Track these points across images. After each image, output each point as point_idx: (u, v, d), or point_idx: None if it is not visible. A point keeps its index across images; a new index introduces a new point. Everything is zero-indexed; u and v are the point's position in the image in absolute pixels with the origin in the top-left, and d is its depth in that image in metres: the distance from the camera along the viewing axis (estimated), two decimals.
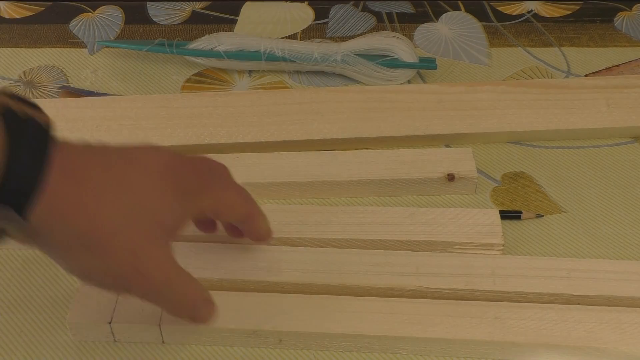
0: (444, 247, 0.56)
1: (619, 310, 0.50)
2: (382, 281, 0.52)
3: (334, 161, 0.61)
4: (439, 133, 0.64)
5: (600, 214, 0.60)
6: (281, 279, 0.52)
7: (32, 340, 0.53)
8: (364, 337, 0.50)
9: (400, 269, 0.53)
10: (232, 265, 0.53)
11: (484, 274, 0.52)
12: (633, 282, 0.52)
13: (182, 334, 0.51)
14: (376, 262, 0.53)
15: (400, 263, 0.53)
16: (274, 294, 0.52)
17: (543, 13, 0.78)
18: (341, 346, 0.51)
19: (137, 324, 0.50)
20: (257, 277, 0.52)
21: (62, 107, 0.65)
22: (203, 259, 0.53)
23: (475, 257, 0.54)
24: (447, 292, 0.52)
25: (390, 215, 0.57)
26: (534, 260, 0.54)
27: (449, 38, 0.76)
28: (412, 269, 0.52)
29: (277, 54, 0.70)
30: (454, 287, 0.52)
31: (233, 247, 0.54)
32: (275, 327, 0.50)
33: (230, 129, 0.64)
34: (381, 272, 0.52)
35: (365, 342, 0.50)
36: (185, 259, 0.46)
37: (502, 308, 0.51)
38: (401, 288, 0.52)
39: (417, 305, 0.51)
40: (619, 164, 0.64)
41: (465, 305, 0.51)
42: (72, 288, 0.56)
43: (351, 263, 0.53)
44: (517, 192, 0.62)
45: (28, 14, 0.79)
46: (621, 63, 0.72)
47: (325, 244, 0.56)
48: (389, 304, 0.51)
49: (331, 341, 0.50)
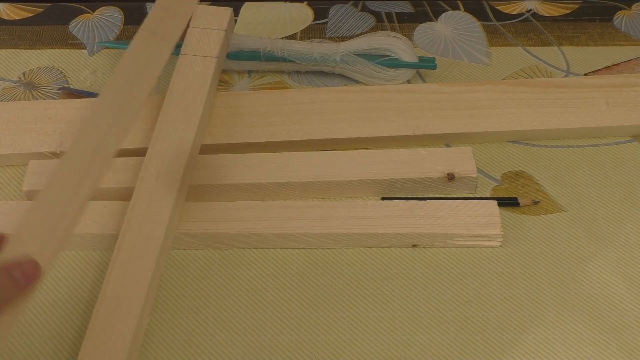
0: (444, 238, 0.57)
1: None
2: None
3: (334, 161, 0.61)
4: (439, 133, 0.64)
5: (599, 212, 0.60)
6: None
7: (32, 340, 0.53)
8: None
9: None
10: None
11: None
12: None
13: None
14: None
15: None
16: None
17: (542, 12, 0.78)
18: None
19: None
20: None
21: (62, 108, 0.65)
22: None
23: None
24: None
25: (390, 209, 0.58)
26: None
27: (449, 38, 0.76)
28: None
29: (276, 54, 0.70)
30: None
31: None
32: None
33: (230, 129, 0.64)
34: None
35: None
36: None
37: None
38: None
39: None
40: (619, 162, 0.64)
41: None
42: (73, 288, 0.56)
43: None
44: (517, 191, 0.62)
45: (27, 15, 0.79)
46: (620, 62, 0.72)
47: (327, 238, 0.57)
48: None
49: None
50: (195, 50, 0.65)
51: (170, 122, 0.60)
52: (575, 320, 0.54)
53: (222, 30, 0.65)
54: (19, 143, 0.63)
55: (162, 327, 0.54)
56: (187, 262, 0.58)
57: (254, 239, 0.58)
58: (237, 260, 0.58)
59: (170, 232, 0.56)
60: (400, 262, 0.58)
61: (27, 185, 0.60)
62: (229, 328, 0.54)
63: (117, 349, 0.49)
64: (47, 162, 0.61)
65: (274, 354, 0.53)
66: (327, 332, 0.54)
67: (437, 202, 0.58)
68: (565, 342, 0.53)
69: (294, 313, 0.55)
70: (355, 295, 0.56)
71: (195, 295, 0.56)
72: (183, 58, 0.64)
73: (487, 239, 0.57)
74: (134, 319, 0.50)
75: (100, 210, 0.58)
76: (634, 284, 0.56)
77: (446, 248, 0.58)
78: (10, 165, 0.64)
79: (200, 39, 0.65)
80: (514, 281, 0.56)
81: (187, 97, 0.62)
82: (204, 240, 0.58)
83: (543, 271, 0.57)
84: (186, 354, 0.53)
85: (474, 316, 0.55)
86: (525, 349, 0.53)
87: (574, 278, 0.57)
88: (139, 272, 0.52)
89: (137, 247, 0.53)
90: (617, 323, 0.54)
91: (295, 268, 0.58)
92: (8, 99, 0.70)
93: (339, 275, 0.57)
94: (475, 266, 0.57)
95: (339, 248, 0.58)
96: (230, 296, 0.56)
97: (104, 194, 0.60)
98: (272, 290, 0.56)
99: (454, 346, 0.53)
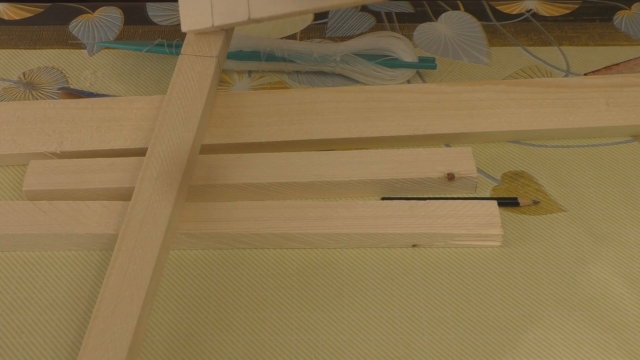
0: (444, 238, 0.57)
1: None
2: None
3: (334, 161, 0.61)
4: (439, 133, 0.64)
5: (600, 212, 0.60)
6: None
7: (32, 340, 0.53)
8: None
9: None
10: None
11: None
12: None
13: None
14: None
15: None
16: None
17: (542, 12, 0.78)
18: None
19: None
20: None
21: (62, 108, 0.65)
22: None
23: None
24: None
25: (390, 209, 0.58)
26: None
27: (449, 37, 0.76)
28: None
29: (276, 54, 0.70)
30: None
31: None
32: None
33: (230, 129, 0.64)
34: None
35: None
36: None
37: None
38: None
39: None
40: (619, 162, 0.64)
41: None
42: (73, 288, 0.56)
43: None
44: (517, 191, 0.62)
45: (27, 15, 0.79)
46: (620, 62, 0.72)
47: (326, 238, 0.57)
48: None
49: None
50: (195, 50, 0.65)
51: (170, 122, 0.60)
52: (575, 320, 0.54)
53: (223, 30, 0.65)
54: (19, 143, 0.63)
55: (162, 327, 0.54)
56: (187, 262, 0.58)
57: (254, 239, 0.58)
58: (237, 260, 0.58)
59: (170, 232, 0.56)
60: (400, 262, 0.58)
61: (27, 185, 0.60)
62: (229, 328, 0.54)
63: (117, 349, 0.49)
64: (47, 162, 0.61)
65: (274, 354, 0.53)
66: (327, 332, 0.54)
67: (437, 202, 0.58)
68: (565, 342, 0.53)
69: (294, 313, 0.55)
70: (355, 295, 0.56)
71: (195, 295, 0.56)
72: (183, 58, 0.64)
73: (487, 239, 0.57)
74: (134, 319, 0.50)
75: (100, 210, 0.58)
76: (634, 284, 0.56)
77: (446, 248, 0.58)
78: (10, 165, 0.64)
79: (201, 39, 0.65)
80: (514, 281, 0.56)
81: (187, 97, 0.62)
82: (204, 240, 0.58)
83: (543, 271, 0.57)
84: (186, 354, 0.53)
85: (473, 316, 0.55)
86: (525, 349, 0.53)
87: (574, 278, 0.57)
88: (139, 272, 0.52)
89: (137, 247, 0.53)
90: (617, 323, 0.54)
91: (295, 268, 0.58)
92: (8, 99, 0.70)
93: (339, 275, 0.57)
94: (475, 266, 0.57)
95: (339, 248, 0.58)
96: (230, 296, 0.56)
97: (104, 194, 0.60)
98: (272, 290, 0.56)
99: (454, 346, 0.53)
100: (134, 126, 0.64)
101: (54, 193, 0.60)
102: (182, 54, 0.64)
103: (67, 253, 0.58)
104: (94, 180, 0.60)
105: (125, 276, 0.52)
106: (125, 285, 0.52)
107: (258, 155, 0.61)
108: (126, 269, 0.52)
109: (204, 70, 0.63)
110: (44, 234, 0.57)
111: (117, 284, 0.52)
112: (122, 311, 0.51)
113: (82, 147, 0.63)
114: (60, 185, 0.60)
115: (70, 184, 0.60)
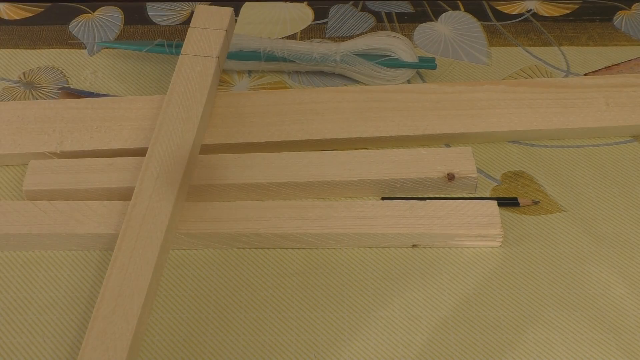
0: (444, 238, 0.57)
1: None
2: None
3: (334, 161, 0.61)
4: (439, 132, 0.64)
5: (599, 212, 0.60)
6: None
7: (32, 340, 0.53)
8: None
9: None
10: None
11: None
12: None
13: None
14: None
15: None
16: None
17: (542, 12, 0.78)
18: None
19: None
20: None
21: (62, 108, 0.65)
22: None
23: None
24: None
25: (390, 209, 0.58)
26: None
27: (449, 38, 0.76)
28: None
29: (276, 54, 0.70)
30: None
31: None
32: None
33: (230, 129, 0.64)
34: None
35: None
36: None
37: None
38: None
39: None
40: (619, 162, 0.64)
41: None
42: (73, 288, 0.56)
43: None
44: (517, 191, 0.62)
45: (27, 15, 0.79)
46: (620, 62, 0.72)
47: (326, 238, 0.57)
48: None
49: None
50: (195, 50, 0.65)
51: (171, 122, 0.60)
52: (575, 320, 0.54)
53: (223, 30, 0.65)
54: (19, 143, 0.63)
55: (162, 327, 0.54)
56: (187, 262, 0.58)
57: (254, 239, 0.58)
58: (237, 260, 0.58)
59: (170, 232, 0.56)
60: (400, 262, 0.58)
61: (27, 185, 0.60)
62: (229, 328, 0.54)
63: (117, 349, 0.49)
64: (47, 162, 0.61)
65: (274, 354, 0.53)
66: (327, 332, 0.54)
67: (437, 202, 0.58)
68: (565, 342, 0.53)
69: (294, 313, 0.55)
70: (355, 295, 0.56)
71: (195, 295, 0.56)
72: (183, 58, 0.64)
73: (487, 239, 0.57)
74: (134, 319, 0.50)
75: (100, 210, 0.58)
76: (634, 284, 0.56)
77: (446, 248, 0.58)
78: (10, 165, 0.64)
79: (201, 39, 0.65)
80: (514, 281, 0.56)
81: (187, 97, 0.62)
82: (204, 240, 0.58)
83: (543, 271, 0.57)
84: (186, 354, 0.53)
85: (473, 316, 0.55)
86: (525, 349, 0.53)
87: (574, 278, 0.57)
88: (138, 272, 0.52)
89: (137, 247, 0.53)
90: (617, 323, 0.54)
91: (295, 268, 0.58)
92: (8, 99, 0.70)
93: (339, 275, 0.57)
94: (475, 266, 0.57)
95: (339, 248, 0.58)
96: (230, 296, 0.56)
97: (104, 194, 0.60)
98: (271, 290, 0.56)
99: (454, 346, 0.53)
100: (134, 126, 0.64)
101: (54, 193, 0.60)
102: (182, 54, 0.65)
103: (67, 253, 0.58)
104: (94, 180, 0.60)
105: (125, 276, 0.52)
106: (125, 285, 0.52)
107: (258, 155, 0.61)
108: (126, 269, 0.52)
109: (204, 70, 0.63)
110: (44, 233, 0.57)
111: (117, 284, 0.52)
112: (122, 311, 0.51)
113: (82, 147, 0.63)
114: (60, 185, 0.60)
115: (70, 183, 0.60)
